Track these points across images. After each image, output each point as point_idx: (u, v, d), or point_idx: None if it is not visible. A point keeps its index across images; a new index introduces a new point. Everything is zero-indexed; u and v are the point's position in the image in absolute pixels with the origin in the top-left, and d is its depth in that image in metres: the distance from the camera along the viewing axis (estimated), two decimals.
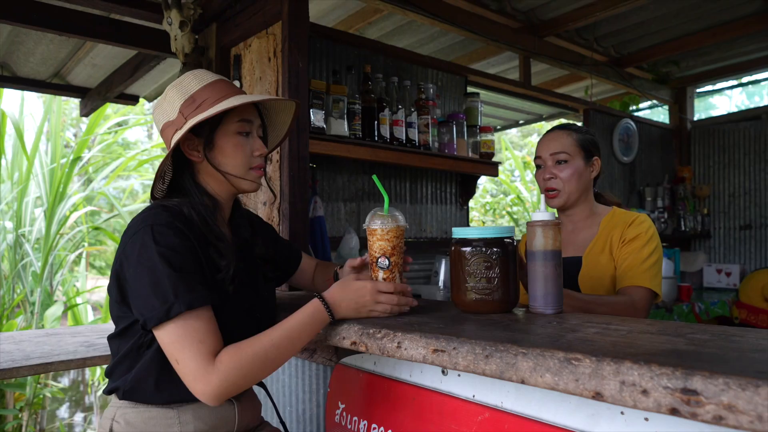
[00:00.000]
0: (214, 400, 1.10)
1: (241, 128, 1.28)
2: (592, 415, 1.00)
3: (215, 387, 1.09)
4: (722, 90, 5.78)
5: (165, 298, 1.08)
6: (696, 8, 3.61)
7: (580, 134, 1.77)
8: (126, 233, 1.18)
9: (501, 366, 0.93)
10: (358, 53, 2.75)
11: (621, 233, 1.70)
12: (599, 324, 1.11)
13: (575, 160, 1.73)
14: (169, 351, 1.12)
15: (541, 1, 3.37)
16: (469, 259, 1.27)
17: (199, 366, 1.09)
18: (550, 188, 1.75)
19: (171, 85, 1.29)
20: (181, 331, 1.09)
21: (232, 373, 1.10)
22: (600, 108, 4.35)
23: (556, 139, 1.76)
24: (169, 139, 1.26)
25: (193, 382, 1.10)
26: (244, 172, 1.30)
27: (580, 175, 1.74)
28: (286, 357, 1.19)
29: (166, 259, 1.11)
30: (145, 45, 2.49)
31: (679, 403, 0.72)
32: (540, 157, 1.78)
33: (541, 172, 1.78)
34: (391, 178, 2.93)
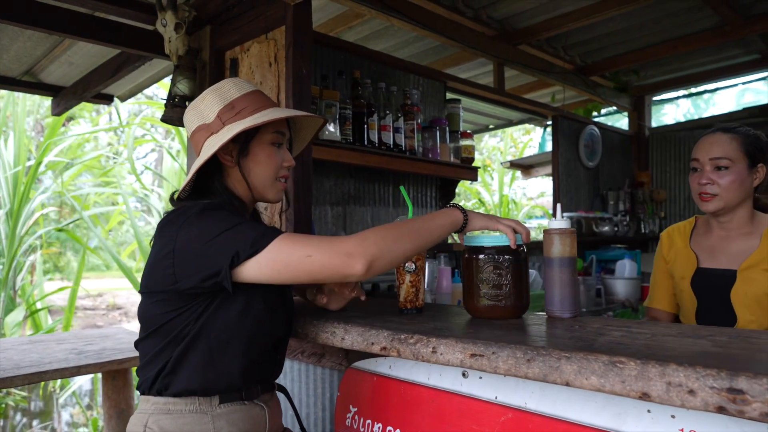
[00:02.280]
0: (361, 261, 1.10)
1: (275, 139, 1.32)
2: (619, 414, 1.06)
3: (357, 245, 1.10)
4: (676, 99, 6.06)
5: (253, 234, 1.13)
6: (658, 22, 3.78)
7: (746, 138, 1.63)
8: (170, 224, 1.19)
9: (544, 369, 0.98)
10: (344, 58, 2.77)
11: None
12: (620, 327, 1.17)
13: (737, 166, 1.60)
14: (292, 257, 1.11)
15: (515, 11, 3.47)
16: (481, 267, 1.32)
17: (332, 241, 1.12)
18: (705, 192, 1.63)
19: (208, 90, 1.32)
20: (289, 240, 1.13)
21: (369, 233, 1.13)
22: (567, 114, 4.50)
23: (718, 143, 1.64)
24: (202, 141, 1.28)
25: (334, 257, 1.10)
26: (272, 182, 1.33)
27: (742, 182, 1.61)
28: (421, 235, 1.21)
29: (233, 221, 1.15)
30: (133, 45, 2.44)
31: (726, 401, 0.79)
32: (697, 160, 1.66)
33: (698, 176, 1.66)
34: (375, 182, 2.97)
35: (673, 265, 1.81)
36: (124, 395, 2.48)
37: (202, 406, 1.22)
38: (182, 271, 1.15)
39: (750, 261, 1.61)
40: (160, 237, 1.20)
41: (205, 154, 1.24)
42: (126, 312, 11.59)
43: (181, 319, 1.20)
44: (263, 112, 1.27)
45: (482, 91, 3.72)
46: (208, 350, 1.21)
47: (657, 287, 1.86)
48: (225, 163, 1.29)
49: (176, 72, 2.18)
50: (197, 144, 1.31)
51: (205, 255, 1.13)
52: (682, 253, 1.78)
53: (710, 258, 1.72)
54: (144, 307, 1.25)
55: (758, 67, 4.59)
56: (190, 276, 1.15)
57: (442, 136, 2.97)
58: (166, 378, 1.21)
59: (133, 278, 5.00)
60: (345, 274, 1.11)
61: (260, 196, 1.34)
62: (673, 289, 1.82)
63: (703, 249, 1.75)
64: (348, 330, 1.32)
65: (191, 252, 1.14)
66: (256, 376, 1.30)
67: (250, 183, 1.31)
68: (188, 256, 1.15)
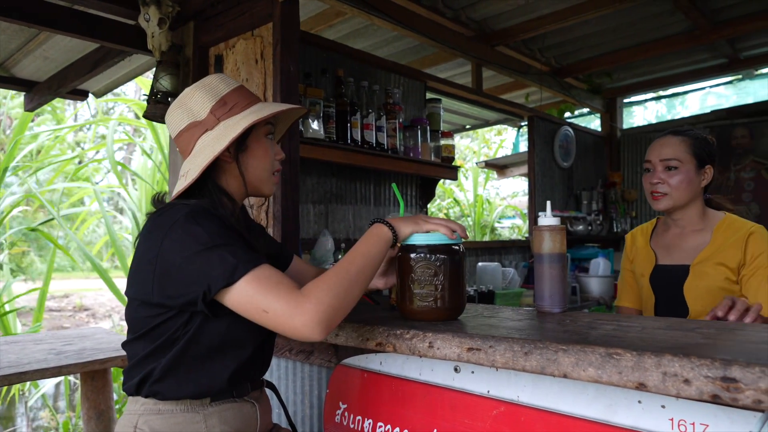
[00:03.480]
0: (318, 328, 1.07)
1: (268, 131, 1.31)
2: (610, 405, 1.09)
3: (314, 313, 1.07)
4: (645, 101, 6.21)
5: (227, 264, 1.09)
6: (631, 26, 3.88)
7: (694, 141, 1.71)
8: (157, 229, 1.16)
9: (542, 362, 1.00)
10: (327, 56, 2.77)
11: (740, 247, 1.64)
12: (611, 321, 1.21)
13: (686, 166, 1.68)
14: (248, 307, 1.09)
15: (493, 12, 3.51)
16: (413, 266, 1.26)
17: (289, 300, 1.08)
18: (656, 191, 1.71)
19: (194, 86, 1.28)
20: (254, 284, 1.09)
21: (324, 295, 1.09)
22: (543, 115, 4.58)
23: (668, 145, 1.72)
24: (195, 138, 1.26)
25: (289, 321, 1.07)
26: (268, 175, 1.32)
27: (690, 182, 1.68)
28: (368, 276, 1.19)
29: (215, 236, 1.12)
30: (113, 39, 2.40)
31: (720, 390, 0.82)
32: (650, 161, 1.74)
33: (649, 176, 1.74)
34: (357, 181, 2.97)
35: (636, 264, 1.89)
36: (103, 396, 2.43)
37: (194, 405, 1.21)
38: (161, 287, 1.14)
39: (701, 256, 1.69)
40: (146, 239, 1.18)
41: (209, 151, 1.21)
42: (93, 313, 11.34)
43: (168, 326, 1.17)
44: (257, 106, 1.26)
45: (461, 91, 3.76)
46: (199, 358, 1.19)
47: (624, 286, 1.95)
48: (222, 160, 1.28)
49: (159, 68, 2.15)
50: (188, 142, 1.28)
51: (183, 275, 1.11)
52: (643, 251, 1.87)
53: (667, 255, 1.80)
54: (131, 309, 1.23)
55: (725, 71, 4.74)
56: (169, 297, 1.13)
57: (423, 136, 3.00)
58: (155, 385, 1.19)
59: (108, 278, 4.90)
60: (298, 338, 1.10)
61: (256, 190, 1.33)
62: (637, 286, 1.90)
63: (661, 247, 1.83)
64: (342, 326, 1.33)
65: (173, 266, 1.12)
66: (246, 375, 1.30)
67: (246, 178, 1.30)
68: (170, 270, 1.12)
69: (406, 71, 3.32)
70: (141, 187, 6.01)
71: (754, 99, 5.32)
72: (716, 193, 1.88)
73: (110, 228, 5.22)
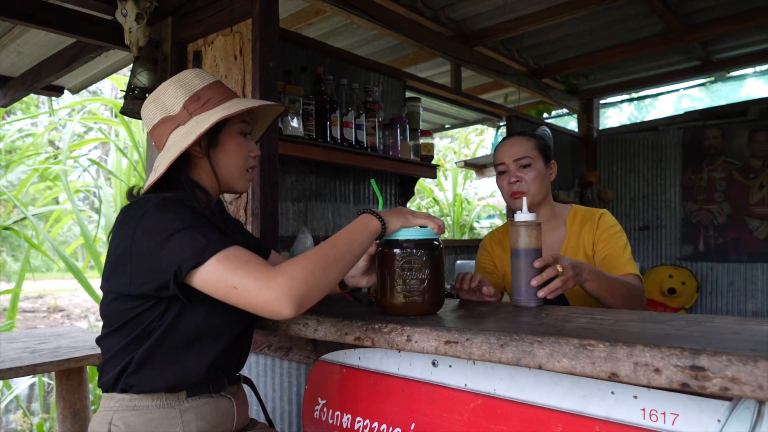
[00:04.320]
0: (289, 303, 1.04)
1: (243, 129, 1.31)
2: (584, 396, 1.12)
3: (285, 287, 1.04)
4: (620, 102, 6.31)
5: (197, 244, 1.08)
6: (607, 28, 3.94)
7: (537, 139, 1.85)
8: (128, 220, 1.16)
9: (517, 354, 1.02)
10: (307, 54, 2.77)
11: (593, 230, 1.77)
12: (585, 315, 1.23)
13: (537, 163, 1.79)
14: (218, 286, 1.08)
15: (472, 13, 3.54)
16: (399, 262, 1.27)
17: (259, 276, 1.06)
18: (516, 191, 1.79)
19: (169, 81, 1.29)
20: (224, 262, 1.08)
21: (297, 271, 1.07)
22: (521, 115, 4.62)
23: (517, 144, 1.82)
24: (167, 133, 1.26)
25: (259, 295, 1.05)
26: (241, 172, 1.32)
27: (543, 177, 1.79)
28: (347, 262, 1.17)
29: (187, 220, 1.12)
30: (90, 35, 2.36)
31: (689, 378, 0.85)
32: (503, 163, 1.82)
33: (505, 177, 1.82)
34: (337, 178, 2.98)
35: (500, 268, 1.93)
36: (79, 395, 2.40)
37: (170, 401, 1.21)
38: (137, 276, 1.13)
39: (563, 249, 1.79)
40: (118, 231, 1.18)
41: (177, 146, 1.22)
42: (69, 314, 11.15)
43: (145, 317, 1.17)
44: (230, 102, 1.27)
45: (440, 90, 3.78)
46: (175, 349, 1.19)
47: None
48: (194, 155, 1.28)
49: (136, 63, 2.14)
50: (161, 136, 1.28)
51: (156, 258, 1.10)
52: (503, 256, 1.92)
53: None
54: (106, 303, 1.22)
55: (698, 73, 4.84)
56: (143, 282, 1.13)
57: (402, 134, 3.01)
58: (130, 377, 1.18)
59: (83, 278, 4.83)
60: (270, 315, 1.07)
61: (228, 187, 1.34)
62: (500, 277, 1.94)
63: None
64: (321, 321, 1.33)
65: (145, 252, 1.11)
66: (223, 369, 1.29)
67: (218, 174, 1.30)
68: (143, 257, 1.12)
69: (386, 70, 3.33)
70: (116, 186, 5.92)
71: (726, 101, 5.44)
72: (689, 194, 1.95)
73: (84, 227, 5.14)
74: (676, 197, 4.87)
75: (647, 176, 5.05)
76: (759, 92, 6.42)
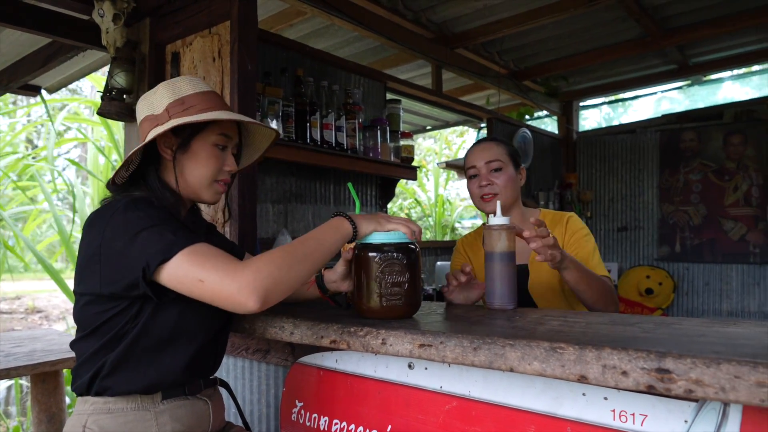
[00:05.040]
0: (254, 296, 1.05)
1: (219, 141, 1.31)
2: (556, 398, 1.13)
3: (251, 279, 1.05)
4: (600, 105, 6.38)
5: (165, 240, 1.09)
6: (587, 31, 3.98)
7: (507, 146, 1.87)
8: (98, 220, 1.17)
9: (490, 357, 1.03)
10: (287, 55, 2.77)
11: (561, 233, 1.80)
12: (558, 317, 1.25)
13: (508, 168, 1.80)
14: (185, 280, 1.08)
15: (453, 15, 3.56)
16: (379, 265, 1.27)
17: (226, 269, 1.07)
18: (486, 194, 1.79)
19: (164, 82, 1.31)
20: (191, 257, 1.09)
21: (263, 265, 1.08)
22: (501, 117, 4.66)
23: (489, 149, 1.83)
24: (148, 131, 1.27)
25: (225, 287, 1.05)
26: (209, 183, 1.32)
27: (513, 181, 1.81)
28: (316, 262, 1.18)
29: (154, 219, 1.13)
30: (66, 35, 2.33)
31: (655, 380, 0.87)
32: (474, 167, 1.83)
33: (476, 181, 1.82)
34: (317, 180, 2.98)
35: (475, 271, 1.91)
36: (55, 398, 2.37)
37: (145, 403, 1.20)
38: (106, 275, 1.13)
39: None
40: (88, 231, 1.18)
41: (146, 140, 1.24)
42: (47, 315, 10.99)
43: (118, 320, 1.17)
44: (216, 113, 1.27)
45: (421, 92, 3.80)
46: (149, 351, 1.19)
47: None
48: (163, 156, 1.29)
49: (113, 64, 2.12)
50: (143, 133, 1.31)
51: (124, 257, 1.11)
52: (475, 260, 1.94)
53: None
54: (79, 307, 1.22)
55: (675, 76, 4.91)
56: (113, 281, 1.13)
57: (382, 136, 3.02)
58: (105, 380, 1.18)
59: (60, 279, 4.77)
60: (236, 308, 1.07)
61: (195, 195, 1.33)
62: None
63: None
64: (297, 324, 1.34)
65: (114, 251, 1.12)
66: (198, 370, 1.29)
67: (183, 180, 1.30)
68: (112, 256, 1.12)
69: (367, 72, 3.33)
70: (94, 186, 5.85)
71: (703, 104, 5.53)
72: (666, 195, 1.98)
73: (62, 227, 5.08)
74: (653, 199, 4.94)
75: (625, 178, 5.12)
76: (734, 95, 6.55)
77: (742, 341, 0.94)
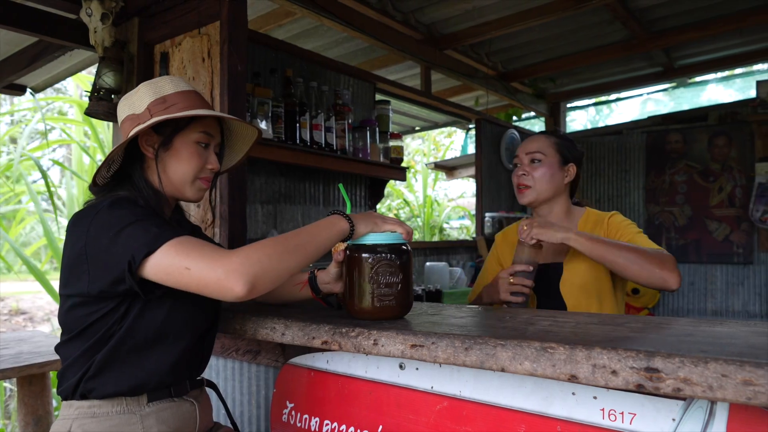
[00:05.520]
0: (242, 280, 1.04)
1: (201, 139, 1.31)
2: (546, 397, 1.15)
3: (238, 264, 1.05)
4: (586, 106, 6.44)
5: (150, 234, 1.09)
6: (574, 33, 4.02)
7: (560, 140, 1.81)
8: (82, 219, 1.17)
9: (481, 357, 1.04)
10: (276, 56, 2.76)
11: (603, 231, 1.74)
12: (548, 317, 1.26)
13: (549, 160, 1.75)
14: (171, 270, 1.08)
15: (442, 17, 3.58)
16: (374, 266, 1.26)
17: (213, 256, 1.07)
18: (521, 183, 1.76)
19: (145, 83, 1.31)
20: (177, 247, 1.09)
21: (252, 251, 1.08)
22: (490, 118, 4.68)
23: (535, 140, 1.80)
24: (129, 130, 1.27)
25: (212, 272, 1.05)
26: (191, 180, 1.32)
27: (552, 176, 1.75)
28: (307, 254, 1.17)
29: (138, 215, 1.14)
30: (53, 34, 2.31)
31: (644, 379, 0.88)
32: (518, 157, 1.81)
33: (516, 171, 1.80)
34: (306, 181, 2.98)
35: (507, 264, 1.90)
36: (41, 401, 2.35)
37: (130, 406, 1.20)
38: (93, 273, 1.13)
39: (572, 251, 1.74)
40: (73, 231, 1.17)
41: (127, 138, 1.24)
42: (31, 317, 10.86)
43: (104, 321, 1.17)
44: (197, 111, 1.27)
45: (410, 93, 3.81)
46: (135, 351, 1.19)
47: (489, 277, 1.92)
48: (146, 154, 1.29)
49: (101, 64, 2.10)
50: (125, 133, 1.30)
51: (110, 253, 1.11)
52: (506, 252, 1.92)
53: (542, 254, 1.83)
54: (64, 311, 1.21)
55: (661, 79, 4.97)
56: (100, 279, 1.13)
57: (372, 137, 3.03)
58: (90, 382, 1.17)
59: (45, 281, 4.72)
60: (223, 294, 1.06)
61: (178, 193, 1.33)
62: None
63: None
64: (288, 325, 1.34)
65: (99, 249, 1.12)
66: (185, 371, 1.29)
67: (166, 178, 1.29)
68: (97, 254, 1.12)
69: (356, 72, 3.34)
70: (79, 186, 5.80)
71: (688, 106, 5.60)
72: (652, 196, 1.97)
73: (47, 228, 5.02)
74: (639, 199, 4.99)
75: (612, 179, 5.16)
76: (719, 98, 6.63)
77: (729, 341, 0.96)
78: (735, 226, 4.58)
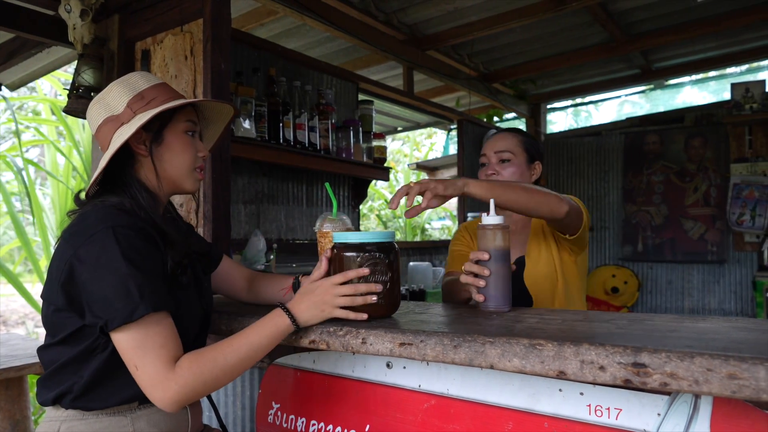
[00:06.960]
0: (171, 407, 1.09)
1: (188, 128, 1.30)
2: (533, 394, 1.15)
3: (174, 394, 1.08)
4: (566, 108, 6.51)
5: (130, 299, 1.06)
6: (554, 35, 4.06)
7: (525, 137, 1.81)
8: (76, 236, 1.12)
9: (470, 354, 1.04)
10: (259, 55, 2.75)
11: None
12: (534, 315, 1.27)
13: (518, 160, 1.75)
14: (128, 356, 1.09)
15: (424, 17, 3.59)
16: (363, 264, 1.24)
17: (159, 372, 1.08)
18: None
19: (114, 82, 1.27)
20: (143, 335, 1.07)
21: (191, 380, 1.09)
22: (472, 119, 4.71)
23: (502, 139, 1.79)
24: (111, 133, 1.24)
25: (151, 389, 1.08)
26: (189, 171, 1.30)
27: (522, 174, 1.75)
28: (247, 366, 1.18)
29: (130, 260, 1.08)
30: (30, 30, 2.26)
31: (632, 375, 0.89)
32: (485, 155, 1.79)
33: (484, 170, 1.79)
34: (289, 181, 2.96)
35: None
36: (19, 405, 2.30)
37: (121, 409, 1.17)
38: (64, 294, 1.11)
39: (529, 244, 1.76)
40: (64, 243, 1.14)
41: (116, 144, 1.20)
42: (5, 321, 10.64)
43: (90, 331, 1.13)
44: (181, 100, 1.26)
45: (393, 94, 3.82)
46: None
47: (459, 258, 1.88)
48: (138, 153, 1.26)
49: (81, 61, 2.07)
50: (105, 137, 1.26)
51: (87, 294, 1.09)
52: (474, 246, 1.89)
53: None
54: (49, 312, 1.17)
55: (638, 81, 5.05)
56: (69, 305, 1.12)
57: (355, 137, 3.02)
58: (76, 402, 1.14)
59: (19, 284, 4.62)
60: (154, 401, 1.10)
61: (177, 186, 1.31)
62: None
63: None
64: None
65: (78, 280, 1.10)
66: None
67: (164, 173, 1.27)
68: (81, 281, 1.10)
69: (339, 72, 3.33)
70: (54, 187, 5.69)
71: (665, 107, 5.69)
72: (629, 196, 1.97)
73: (21, 229, 4.92)
74: (618, 199, 5.06)
75: (591, 179, 5.23)
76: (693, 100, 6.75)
77: (713, 336, 0.98)
78: (710, 225, 4.67)
